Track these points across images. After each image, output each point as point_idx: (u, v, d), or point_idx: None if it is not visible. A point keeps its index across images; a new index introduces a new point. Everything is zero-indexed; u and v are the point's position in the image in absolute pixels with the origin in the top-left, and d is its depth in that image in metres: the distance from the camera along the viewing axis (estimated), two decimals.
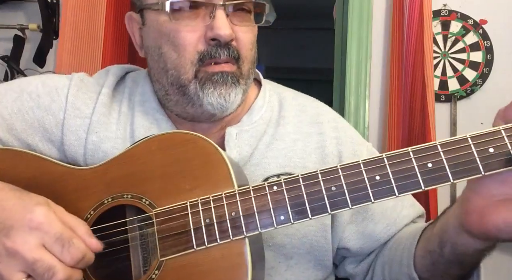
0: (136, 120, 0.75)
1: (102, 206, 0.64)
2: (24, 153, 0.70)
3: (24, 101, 0.74)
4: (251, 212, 0.59)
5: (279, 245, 0.73)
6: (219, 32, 0.66)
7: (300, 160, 0.76)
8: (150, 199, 0.63)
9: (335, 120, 0.83)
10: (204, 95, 0.68)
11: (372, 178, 0.56)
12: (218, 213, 0.60)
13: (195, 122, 0.75)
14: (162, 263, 0.60)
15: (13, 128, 0.73)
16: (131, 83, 0.81)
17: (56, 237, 0.55)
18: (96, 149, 0.73)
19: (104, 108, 0.75)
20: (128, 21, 0.78)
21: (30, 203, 0.57)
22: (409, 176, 0.55)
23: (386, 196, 0.56)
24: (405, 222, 0.79)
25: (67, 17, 1.53)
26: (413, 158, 0.55)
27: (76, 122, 0.74)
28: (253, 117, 0.78)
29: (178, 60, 0.68)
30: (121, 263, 0.66)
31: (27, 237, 0.54)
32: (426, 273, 0.68)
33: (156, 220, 0.62)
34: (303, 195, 0.58)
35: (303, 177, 0.59)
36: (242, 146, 0.74)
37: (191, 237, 0.60)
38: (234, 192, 0.60)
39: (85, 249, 0.57)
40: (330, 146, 0.78)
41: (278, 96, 0.84)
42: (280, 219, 0.58)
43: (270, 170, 0.75)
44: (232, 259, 0.58)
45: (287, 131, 0.78)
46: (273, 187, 0.59)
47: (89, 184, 0.66)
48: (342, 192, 0.57)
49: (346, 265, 0.82)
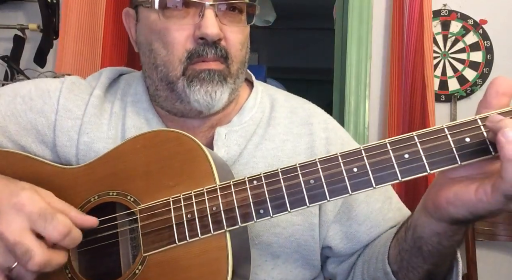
0: (128, 121, 0.77)
1: (89, 204, 0.65)
2: (12, 153, 0.72)
3: (17, 104, 0.76)
4: (231, 206, 0.59)
5: (266, 244, 0.74)
6: (206, 31, 0.67)
7: (289, 159, 0.77)
8: (135, 196, 0.64)
9: (325, 122, 0.83)
10: (190, 92, 0.69)
11: (350, 170, 0.56)
12: (200, 208, 0.60)
13: (186, 119, 0.76)
14: (145, 259, 0.61)
15: (6, 131, 0.75)
16: (124, 84, 0.82)
17: (38, 214, 0.56)
18: (87, 149, 0.74)
19: (95, 109, 0.77)
20: (125, 16, 0.80)
21: (16, 188, 0.59)
22: (386, 167, 0.55)
23: (363, 188, 0.56)
24: (390, 225, 0.79)
25: (67, 17, 1.54)
26: (390, 149, 0.55)
27: (67, 124, 0.76)
28: (243, 117, 0.78)
29: (167, 57, 0.70)
30: (111, 260, 0.67)
31: (12, 219, 0.56)
32: (395, 265, 0.68)
33: (140, 216, 0.63)
34: (282, 188, 0.58)
35: (282, 171, 0.59)
36: (230, 145, 0.75)
37: (173, 232, 0.60)
38: (215, 187, 0.61)
39: (69, 224, 0.58)
40: (320, 146, 0.79)
41: (270, 97, 0.84)
42: (259, 213, 0.59)
43: (258, 169, 0.75)
44: (213, 253, 0.59)
45: (277, 131, 0.79)
46: (253, 182, 0.60)
47: (76, 183, 0.67)
48: (321, 185, 0.57)
49: (327, 264, 0.83)
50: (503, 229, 1.54)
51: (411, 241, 0.64)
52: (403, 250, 0.66)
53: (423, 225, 0.61)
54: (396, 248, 0.68)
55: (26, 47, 1.83)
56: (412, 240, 0.63)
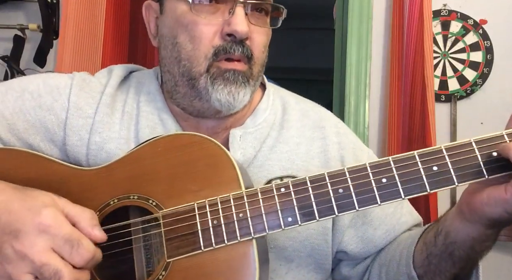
0: (141, 120, 0.75)
1: (108, 207, 0.64)
2: (26, 153, 0.69)
3: (25, 101, 0.74)
4: (258, 213, 0.59)
5: (281, 248, 0.73)
6: (236, 28, 0.67)
7: (303, 163, 0.77)
8: (157, 200, 0.63)
9: (336, 126, 0.84)
10: (213, 90, 0.69)
11: (379, 181, 0.57)
12: (226, 214, 0.60)
13: (200, 119, 0.75)
14: (169, 264, 0.60)
15: (14, 128, 0.73)
16: (135, 82, 0.81)
17: (65, 239, 0.55)
18: (99, 149, 0.73)
19: (107, 108, 0.75)
20: (145, 9, 0.79)
21: (35, 204, 0.57)
22: (415, 179, 0.56)
23: (392, 199, 0.57)
24: (403, 229, 0.80)
25: (67, 17, 1.53)
26: (419, 161, 0.56)
27: (78, 122, 0.74)
28: (257, 119, 0.78)
29: (192, 52, 0.69)
30: (124, 265, 0.66)
31: (36, 240, 0.55)
32: (421, 269, 0.68)
33: (163, 222, 0.61)
34: (311, 197, 0.58)
35: (310, 179, 0.59)
36: (246, 148, 0.75)
37: (199, 238, 0.60)
38: (241, 194, 0.60)
39: (94, 249, 0.57)
40: (333, 150, 0.79)
41: (281, 100, 0.84)
42: (287, 221, 0.59)
43: (273, 172, 0.75)
44: (240, 260, 0.59)
45: (291, 134, 0.79)
46: (280, 189, 0.60)
47: (94, 185, 0.65)
48: (349, 195, 0.57)
49: (341, 267, 0.82)
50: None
51: (442, 246, 0.64)
52: (432, 254, 0.66)
53: (457, 231, 0.61)
54: (423, 252, 0.68)
55: (26, 47, 1.83)
56: (443, 245, 0.64)
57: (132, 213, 0.66)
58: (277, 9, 0.74)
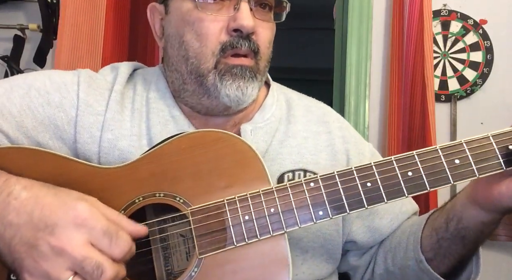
0: (152, 117, 0.75)
1: (133, 206, 0.63)
2: (41, 152, 0.66)
3: (33, 98, 0.72)
4: (289, 208, 0.61)
5: (297, 239, 0.75)
6: (242, 23, 0.68)
7: (313, 157, 0.79)
8: (184, 197, 0.62)
9: (338, 120, 0.87)
10: (222, 86, 0.70)
11: (405, 174, 0.60)
12: (257, 209, 0.61)
13: (209, 116, 0.76)
14: (201, 261, 0.60)
15: (23, 126, 0.71)
16: (141, 80, 0.81)
17: (103, 231, 0.54)
18: (111, 147, 0.72)
19: (117, 105, 0.75)
20: (150, 11, 0.80)
21: (68, 198, 0.56)
22: (439, 171, 0.60)
23: (418, 191, 0.60)
24: (405, 217, 0.83)
25: (66, 17, 1.53)
26: (442, 155, 0.60)
27: (89, 120, 0.73)
28: (265, 114, 0.79)
29: (200, 49, 0.70)
30: (143, 264, 0.66)
31: (73, 234, 0.53)
32: (430, 253, 0.71)
33: (192, 219, 0.61)
34: (340, 190, 0.61)
35: (339, 174, 0.61)
36: (258, 142, 0.76)
37: (231, 234, 0.60)
38: (271, 189, 0.61)
39: (130, 241, 0.57)
40: (338, 144, 0.82)
41: (284, 96, 0.87)
42: (319, 215, 0.61)
43: (285, 165, 0.77)
44: (273, 254, 0.60)
45: (298, 129, 0.81)
46: (310, 184, 0.62)
47: (117, 184, 0.64)
48: (377, 188, 0.60)
49: (349, 258, 0.85)
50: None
51: (454, 231, 0.68)
52: (443, 238, 0.70)
53: (470, 217, 0.66)
54: (433, 237, 0.72)
55: (26, 47, 1.83)
56: (456, 230, 0.68)
57: (149, 213, 0.65)
58: (280, 4, 0.76)
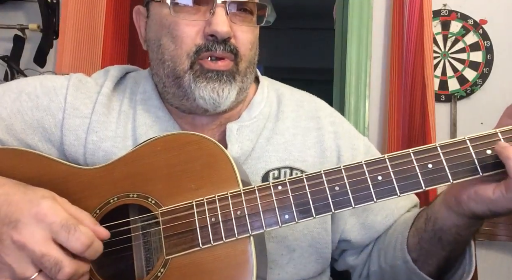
0: (138, 118, 0.76)
1: (108, 206, 0.64)
2: (26, 152, 0.70)
3: (23, 102, 0.75)
4: (256, 211, 0.60)
5: (282, 237, 0.75)
6: (216, 28, 0.67)
7: (300, 153, 0.78)
8: (156, 198, 0.63)
9: (331, 115, 0.85)
10: (196, 87, 0.69)
11: (374, 178, 0.57)
12: (224, 212, 0.60)
13: (195, 116, 0.76)
14: (167, 261, 0.61)
15: (12, 129, 0.74)
16: (132, 82, 0.82)
17: (61, 225, 0.55)
18: (96, 148, 0.74)
19: (103, 108, 0.76)
20: (135, 15, 0.80)
21: (35, 196, 0.58)
22: (410, 176, 0.57)
23: (388, 196, 0.57)
24: (402, 212, 0.82)
25: (67, 17, 1.53)
26: (414, 159, 0.57)
27: (75, 122, 0.75)
28: (252, 112, 0.79)
29: (174, 51, 0.70)
30: (124, 263, 0.67)
31: (34, 229, 0.55)
32: (414, 253, 0.70)
33: (162, 219, 0.62)
34: (307, 194, 0.59)
35: (307, 177, 0.60)
36: (243, 141, 0.76)
37: (197, 236, 0.60)
38: (239, 192, 0.61)
39: (92, 235, 0.57)
40: (329, 140, 0.80)
41: (276, 92, 0.86)
42: (285, 218, 0.59)
43: (271, 163, 0.76)
44: (237, 257, 0.59)
45: (286, 125, 0.80)
46: (277, 187, 0.60)
47: (94, 184, 0.66)
48: (345, 192, 0.58)
49: (346, 257, 0.84)
50: (503, 229, 1.54)
51: (431, 232, 0.67)
52: (423, 239, 0.69)
53: (443, 218, 0.64)
54: (415, 237, 0.70)
55: (26, 47, 1.83)
56: (432, 231, 0.66)
57: (131, 212, 0.67)
58: (262, 8, 0.75)
